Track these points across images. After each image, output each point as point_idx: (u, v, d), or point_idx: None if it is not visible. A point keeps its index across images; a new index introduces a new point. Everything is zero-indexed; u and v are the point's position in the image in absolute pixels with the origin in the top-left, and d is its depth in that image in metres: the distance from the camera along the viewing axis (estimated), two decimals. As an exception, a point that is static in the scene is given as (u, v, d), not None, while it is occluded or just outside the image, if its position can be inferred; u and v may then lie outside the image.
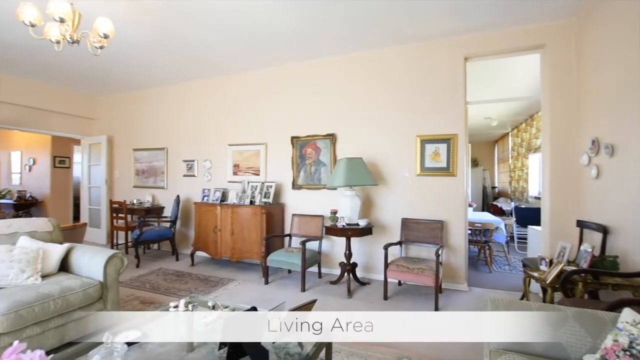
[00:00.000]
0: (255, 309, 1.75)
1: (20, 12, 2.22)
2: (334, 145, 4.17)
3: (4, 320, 1.91)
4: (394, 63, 3.89)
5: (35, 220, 2.77)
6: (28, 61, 4.44)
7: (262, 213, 4.03)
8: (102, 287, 2.46)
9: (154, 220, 5.13)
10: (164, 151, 5.59)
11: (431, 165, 3.72)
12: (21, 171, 7.95)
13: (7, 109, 5.17)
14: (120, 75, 5.03)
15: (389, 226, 3.91)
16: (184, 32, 3.56)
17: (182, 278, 3.97)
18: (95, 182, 6.35)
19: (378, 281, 3.81)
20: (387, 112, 3.93)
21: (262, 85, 4.69)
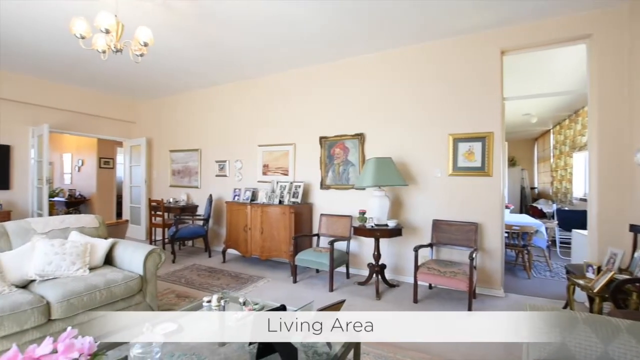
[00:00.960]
0: (284, 307, 1.77)
1: (72, 26, 2.41)
2: (362, 145, 4.13)
3: (59, 307, 2.08)
4: (425, 60, 3.79)
5: (83, 217, 3.00)
6: (78, 70, 4.83)
7: (290, 212, 4.09)
8: (142, 281, 2.62)
9: (189, 218, 5.37)
10: (197, 152, 5.84)
11: (464, 165, 3.58)
12: (71, 171, 8.65)
13: (60, 114, 5.65)
14: (158, 80, 5.31)
15: (419, 227, 3.81)
16: (217, 37, 3.69)
17: (215, 274, 4.11)
18: (135, 182, 6.76)
19: (407, 284, 3.73)
20: (418, 110, 3.83)
21: (291, 86, 4.75)
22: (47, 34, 3.60)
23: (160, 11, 3.13)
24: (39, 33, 3.59)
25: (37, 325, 2.00)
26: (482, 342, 2.39)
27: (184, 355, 1.57)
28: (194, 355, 1.57)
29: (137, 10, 3.09)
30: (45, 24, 3.37)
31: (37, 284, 2.27)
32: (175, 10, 3.11)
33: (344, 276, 4.02)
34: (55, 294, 2.12)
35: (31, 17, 3.25)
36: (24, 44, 3.89)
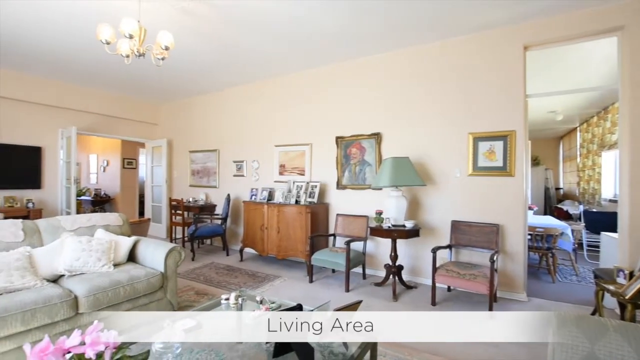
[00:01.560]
0: (301, 306, 1.78)
1: (99, 32, 2.51)
2: (379, 145, 4.10)
3: (85, 301, 2.18)
4: (443, 58, 3.71)
5: (108, 215, 3.12)
6: (103, 75, 5.03)
7: (306, 212, 4.10)
8: (163, 278, 2.69)
9: (207, 217, 5.48)
10: (216, 152, 5.96)
11: (485, 165, 3.48)
12: (97, 172, 9.02)
13: (87, 117, 5.90)
14: (178, 83, 5.46)
15: (437, 228, 3.74)
16: (234, 40, 3.75)
17: (232, 272, 4.18)
18: (157, 182, 6.97)
19: (425, 285, 3.66)
20: (436, 109, 3.75)
21: (308, 86, 4.77)
22: (75, 40, 3.76)
23: (180, 16, 3.21)
24: (68, 40, 3.76)
25: (66, 318, 2.10)
26: (504, 348, 2.32)
27: (203, 351, 1.60)
28: (212, 352, 1.60)
29: (158, 16, 3.18)
30: (73, 31, 3.52)
31: (66, 278, 2.38)
32: (194, 15, 3.19)
33: (360, 277, 3.99)
34: (82, 288, 2.22)
35: (61, 25, 3.40)
36: (55, 51, 4.08)
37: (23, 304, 1.92)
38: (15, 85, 4.94)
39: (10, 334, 1.86)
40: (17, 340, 1.90)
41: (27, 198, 5.17)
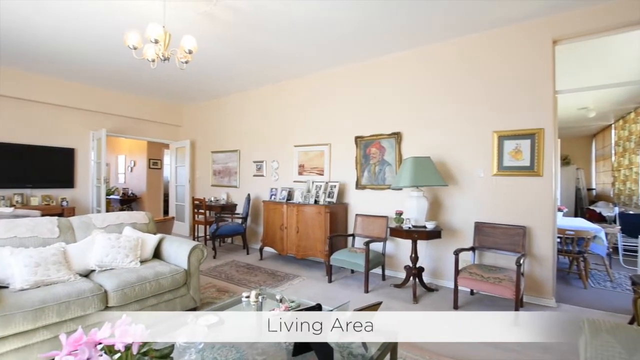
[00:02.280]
0: (320, 306, 1.78)
1: (127, 38, 2.63)
2: (399, 144, 4.04)
3: (115, 296, 2.28)
4: (465, 55, 3.61)
5: (135, 214, 3.25)
6: (130, 79, 5.24)
7: (325, 212, 4.10)
8: (186, 274, 2.77)
9: (228, 216, 5.60)
10: (236, 153, 6.07)
11: (511, 164, 3.35)
12: (125, 172, 9.42)
13: (116, 119, 6.18)
14: (200, 85, 5.61)
15: (459, 230, 3.64)
16: (254, 43, 3.81)
17: (252, 271, 4.25)
18: (180, 182, 7.19)
19: (447, 288, 3.58)
20: (459, 107, 3.65)
21: (326, 86, 4.77)
22: (104, 46, 3.94)
23: (203, 21, 3.30)
24: (98, 46, 3.95)
25: (96, 311, 2.20)
26: (528, 355, 2.23)
27: (224, 347, 1.64)
28: (233, 348, 1.63)
29: (182, 21, 3.29)
30: (103, 38, 3.69)
31: (96, 273, 2.50)
32: (216, 19, 3.26)
33: (379, 278, 3.95)
34: (111, 283, 2.32)
35: (91, 32, 3.58)
36: (86, 58, 4.30)
37: (58, 297, 2.04)
38: (52, 91, 5.25)
39: (47, 324, 1.97)
40: (53, 330, 2.01)
41: (62, 197, 5.48)
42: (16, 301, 1.92)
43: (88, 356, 0.90)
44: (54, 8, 3.10)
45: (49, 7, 3.09)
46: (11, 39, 3.76)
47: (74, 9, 3.11)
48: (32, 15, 3.22)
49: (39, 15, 3.24)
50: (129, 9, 3.10)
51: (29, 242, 2.43)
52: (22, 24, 3.42)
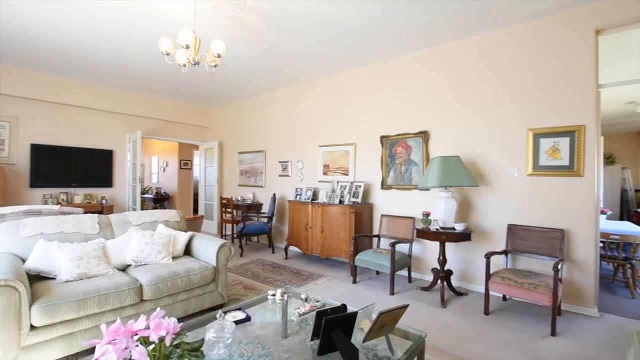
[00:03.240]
0: (345, 306, 1.77)
1: (160, 45, 2.75)
2: (426, 144, 3.93)
3: (149, 290, 2.39)
4: (497, 49, 3.45)
5: (168, 212, 3.40)
6: (162, 83, 5.49)
7: (350, 212, 4.08)
8: (215, 271, 2.86)
9: (254, 215, 5.72)
10: (262, 153, 6.19)
11: (548, 164, 3.17)
12: (158, 172, 9.88)
13: (149, 122, 6.51)
14: (228, 88, 5.77)
15: (491, 232, 3.49)
16: (279, 45, 3.86)
17: (277, 270, 4.31)
18: (209, 181, 7.44)
19: (477, 293, 3.44)
20: (490, 104, 3.50)
21: (351, 86, 4.75)
22: (139, 53, 4.16)
23: (230, 25, 3.39)
24: (134, 53, 4.17)
25: (132, 303, 2.33)
26: (571, 367, 2.09)
27: (251, 343, 1.67)
28: (259, 344, 1.66)
29: (211, 26, 3.40)
30: (138, 45, 3.89)
31: (132, 268, 2.64)
32: (243, 23, 3.34)
33: (405, 280, 3.87)
34: (146, 278, 2.44)
35: (128, 41, 3.79)
36: (122, 64, 4.55)
37: (99, 289, 2.17)
38: (92, 97, 5.61)
39: (88, 314, 2.11)
40: (94, 320, 2.15)
41: (102, 195, 5.85)
42: (62, 292, 2.07)
43: (126, 346, 0.95)
44: (95, 20, 3.31)
45: (90, 19, 3.30)
46: (58, 49, 4.06)
47: (113, 20, 3.30)
48: (74, 28, 3.46)
49: (87, 30, 3.47)
50: (162, 17, 3.25)
51: (73, 237, 2.61)
52: (66, 36, 3.68)
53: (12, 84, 4.78)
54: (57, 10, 3.15)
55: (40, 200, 5.19)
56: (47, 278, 2.30)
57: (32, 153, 5.08)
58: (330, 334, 1.46)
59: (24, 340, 1.89)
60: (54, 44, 3.94)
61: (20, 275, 1.96)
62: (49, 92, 5.14)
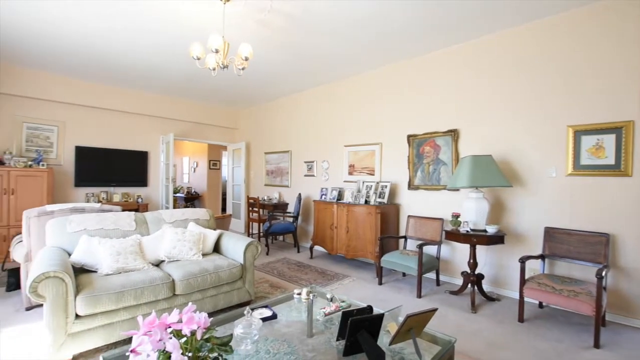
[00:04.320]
0: (371, 308, 1.75)
1: (191, 50, 2.86)
2: (455, 143, 3.80)
3: (180, 285, 2.50)
4: (533, 41, 3.26)
5: (198, 210, 3.53)
6: (193, 87, 5.71)
7: (376, 213, 4.03)
8: (242, 269, 2.93)
9: (280, 215, 5.80)
10: (288, 154, 6.26)
11: (590, 163, 2.96)
12: (188, 172, 10.29)
13: (181, 124, 6.79)
14: (255, 90, 5.89)
15: (525, 235, 3.31)
16: (306, 46, 3.89)
17: (303, 269, 4.34)
18: (237, 181, 7.64)
19: (510, 299, 3.28)
20: (524, 100, 3.33)
21: (377, 85, 4.69)
22: (172, 57, 4.34)
23: (257, 28, 3.46)
24: (166, 58, 4.36)
25: (165, 297, 2.44)
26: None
27: (276, 340, 1.70)
28: (285, 342, 1.68)
29: (239, 30, 3.48)
30: (170, 50, 4.07)
31: (165, 263, 2.76)
32: (269, 25, 3.40)
33: (433, 283, 3.77)
34: (178, 273, 2.55)
35: (160, 47, 3.97)
36: (155, 69, 4.78)
37: (135, 282, 2.30)
38: (128, 101, 5.95)
39: (125, 306, 2.24)
40: (131, 312, 2.28)
41: (137, 194, 6.18)
42: (103, 284, 2.20)
43: (160, 338, 1.00)
44: (133, 30, 3.50)
45: (129, 29, 3.49)
46: (99, 58, 4.33)
47: (149, 28, 3.47)
48: (115, 38, 3.68)
49: (125, 40, 3.69)
50: (192, 23, 3.37)
51: (113, 234, 2.78)
52: (107, 45, 3.92)
53: (60, 91, 5.17)
54: (100, 22, 3.35)
55: (84, 198, 5.57)
56: (90, 271, 2.47)
57: (77, 155, 5.46)
58: (356, 335, 1.45)
59: (70, 327, 2.04)
60: (96, 53, 4.20)
61: (66, 268, 2.12)
62: (92, 97, 5.50)
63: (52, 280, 1.98)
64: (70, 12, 3.19)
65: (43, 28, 3.54)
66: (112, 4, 3.04)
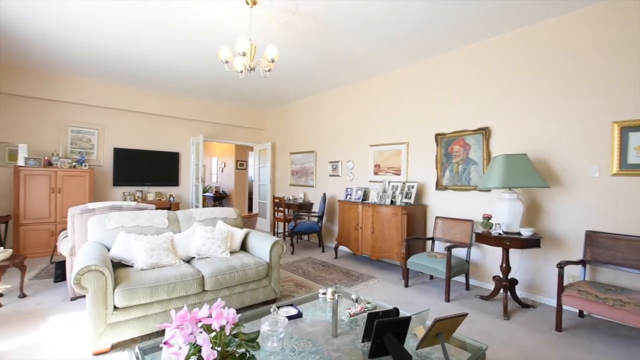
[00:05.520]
0: (398, 310, 1.72)
1: (220, 54, 2.95)
2: (487, 141, 3.65)
3: (210, 281, 2.58)
4: (572, 32, 3.06)
5: (226, 209, 3.63)
6: (220, 89, 5.88)
7: (402, 213, 3.95)
8: (268, 267, 2.98)
9: (305, 214, 5.84)
10: (313, 154, 6.29)
11: (639, 162, 2.73)
12: (217, 172, 10.61)
13: (210, 126, 7.02)
14: (280, 91, 5.97)
15: (564, 239, 3.11)
16: (331, 45, 3.88)
17: (327, 269, 4.35)
18: (263, 181, 7.78)
19: (546, 306, 3.10)
20: (562, 95, 3.12)
21: (403, 83, 4.59)
22: (202, 62, 4.50)
23: (283, 30, 3.50)
24: (196, 62, 4.53)
25: (195, 292, 2.53)
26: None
27: (302, 339, 1.71)
28: (310, 341, 1.69)
29: (265, 32, 3.54)
30: (200, 55, 4.22)
31: (195, 260, 2.87)
32: (295, 27, 3.43)
33: (462, 286, 3.64)
34: (207, 270, 2.64)
35: (190, 53, 4.13)
36: (185, 73, 4.98)
37: (167, 278, 2.40)
38: (162, 104, 6.23)
39: (159, 299, 2.35)
40: (164, 305, 2.38)
41: (170, 193, 6.46)
42: (138, 278, 2.33)
43: (191, 331, 1.04)
44: (164, 41, 3.66)
45: (161, 40, 3.66)
46: (134, 64, 4.58)
47: (174, 36, 3.62)
48: (148, 46, 3.87)
49: (158, 48, 3.88)
50: (219, 28, 3.47)
51: (147, 231, 2.92)
52: (142, 52, 4.13)
53: (100, 96, 5.52)
54: (136, 31, 3.54)
55: (121, 197, 5.90)
56: (126, 265, 2.61)
57: (115, 156, 5.81)
58: (382, 338, 1.43)
59: (109, 318, 2.17)
60: (131, 61, 4.44)
61: (106, 262, 2.26)
62: (128, 102, 5.82)
63: (94, 273, 2.11)
64: (112, 25, 3.39)
65: (89, 37, 3.79)
66: (146, 16, 3.20)
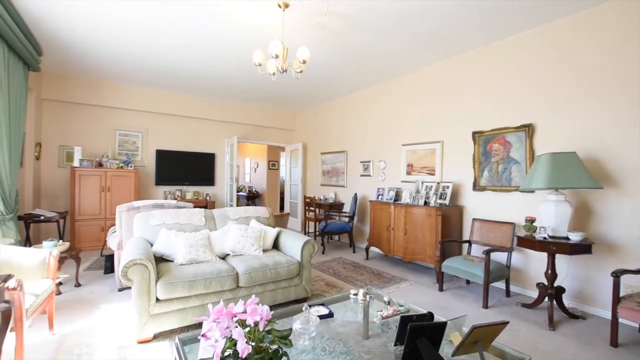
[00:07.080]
0: (432, 315, 1.67)
1: (254, 57, 3.03)
2: (530, 139, 3.42)
3: (244, 277, 2.66)
4: (626, 14, 2.77)
5: (259, 208, 3.72)
6: (253, 91, 6.04)
7: (437, 215, 3.82)
8: (299, 266, 3.02)
9: (336, 214, 5.84)
10: (344, 154, 6.27)
11: None
12: (250, 172, 10.93)
13: (243, 127, 7.24)
14: (311, 92, 6.01)
15: (620, 245, 2.83)
16: (362, 44, 3.85)
17: (358, 269, 4.31)
18: (294, 181, 7.89)
19: (599, 318, 2.84)
20: (619, 85, 2.84)
21: (437, 80, 4.43)
22: (236, 65, 4.66)
23: (314, 31, 3.52)
24: (229, 66, 4.69)
25: (230, 288, 2.62)
26: None
27: (332, 339, 1.71)
28: (341, 341, 1.68)
29: (297, 34, 3.59)
30: (235, 59, 4.37)
31: (230, 257, 2.97)
32: (326, 28, 3.44)
33: (501, 293, 3.44)
34: (241, 267, 2.72)
35: (224, 57, 4.28)
36: (219, 76, 5.17)
37: (204, 273, 2.51)
38: (199, 107, 6.53)
39: (196, 293, 2.46)
40: (201, 299, 2.49)
41: (206, 192, 6.76)
42: (178, 273, 2.45)
43: (227, 325, 1.08)
44: (198, 48, 3.84)
45: (198, 46, 3.84)
46: (173, 70, 4.84)
47: (209, 40, 3.77)
48: (186, 51, 4.07)
49: (194, 54, 4.07)
50: (253, 32, 3.56)
51: (186, 228, 3.08)
52: (181, 58, 4.36)
53: (145, 102, 5.91)
54: (174, 39, 3.75)
55: (162, 195, 6.27)
56: (167, 260, 2.77)
57: (157, 157, 6.18)
58: (415, 342, 1.39)
59: (152, 309, 2.31)
60: (179, 68, 4.71)
61: (149, 257, 2.41)
62: (169, 106, 6.17)
63: (139, 266, 2.26)
64: (152, 34, 3.62)
65: (146, 51, 4.07)
66: (194, 26, 3.36)
